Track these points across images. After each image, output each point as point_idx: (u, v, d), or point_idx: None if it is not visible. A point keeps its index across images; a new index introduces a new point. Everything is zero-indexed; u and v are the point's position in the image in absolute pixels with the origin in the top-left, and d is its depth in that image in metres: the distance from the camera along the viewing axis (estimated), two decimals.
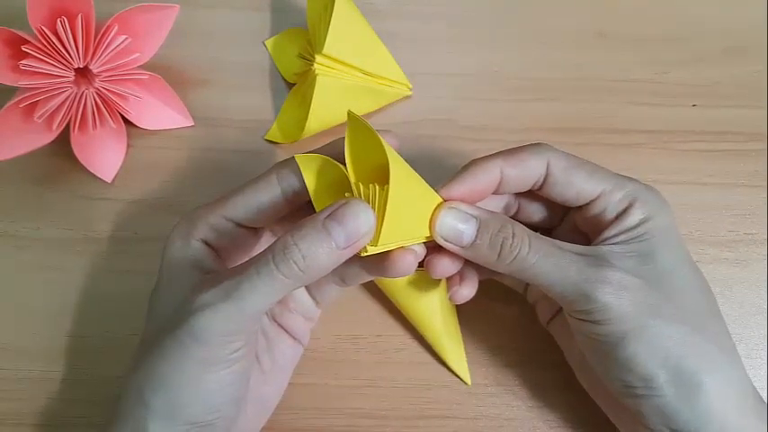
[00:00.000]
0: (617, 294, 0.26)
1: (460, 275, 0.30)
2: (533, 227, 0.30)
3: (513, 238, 0.27)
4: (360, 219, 0.25)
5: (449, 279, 0.30)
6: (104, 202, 0.38)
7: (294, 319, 0.32)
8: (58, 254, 0.37)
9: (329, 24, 0.35)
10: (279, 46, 0.41)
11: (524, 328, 0.36)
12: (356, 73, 0.37)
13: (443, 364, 0.35)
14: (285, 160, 0.29)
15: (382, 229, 0.25)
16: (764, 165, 0.38)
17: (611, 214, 0.29)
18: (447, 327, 0.35)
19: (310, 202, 0.28)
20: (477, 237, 0.27)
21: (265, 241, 0.32)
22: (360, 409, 0.35)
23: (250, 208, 0.29)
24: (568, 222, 0.31)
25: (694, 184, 0.38)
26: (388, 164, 0.25)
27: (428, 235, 0.28)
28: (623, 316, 0.26)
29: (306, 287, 0.32)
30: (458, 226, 0.27)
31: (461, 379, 0.35)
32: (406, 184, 0.26)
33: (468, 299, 0.30)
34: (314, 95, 0.35)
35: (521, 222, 0.28)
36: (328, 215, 0.25)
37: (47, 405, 0.35)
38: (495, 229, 0.27)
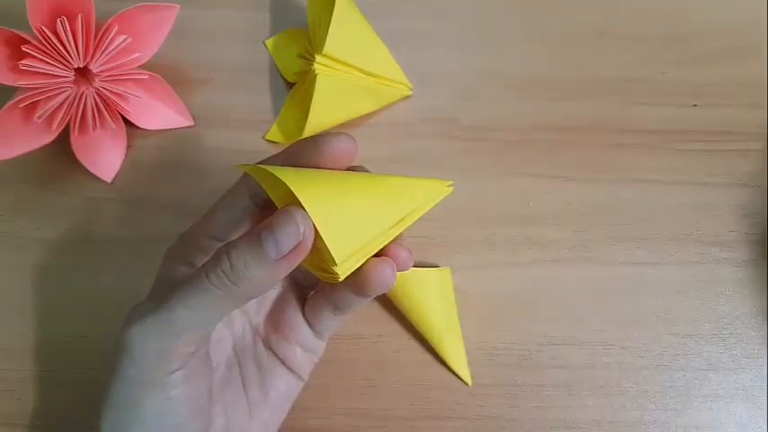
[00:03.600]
0: None
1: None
2: None
3: None
4: (289, 228, 0.22)
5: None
6: (104, 202, 0.38)
7: (292, 350, 0.29)
8: (58, 254, 0.37)
9: (329, 24, 0.35)
10: (279, 46, 0.41)
11: (525, 328, 0.36)
12: (356, 73, 0.37)
13: (444, 364, 0.35)
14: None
15: (327, 246, 0.23)
16: (764, 165, 0.38)
17: None
18: (448, 327, 0.35)
19: None
20: None
21: None
22: (360, 409, 0.35)
23: (227, 223, 0.27)
24: None
25: (694, 184, 0.38)
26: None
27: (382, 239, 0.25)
28: None
29: (303, 315, 0.29)
30: None
31: (462, 379, 0.35)
32: (324, 198, 0.23)
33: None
34: (314, 95, 0.35)
35: None
36: (264, 225, 0.23)
37: (46, 405, 0.35)
38: None
